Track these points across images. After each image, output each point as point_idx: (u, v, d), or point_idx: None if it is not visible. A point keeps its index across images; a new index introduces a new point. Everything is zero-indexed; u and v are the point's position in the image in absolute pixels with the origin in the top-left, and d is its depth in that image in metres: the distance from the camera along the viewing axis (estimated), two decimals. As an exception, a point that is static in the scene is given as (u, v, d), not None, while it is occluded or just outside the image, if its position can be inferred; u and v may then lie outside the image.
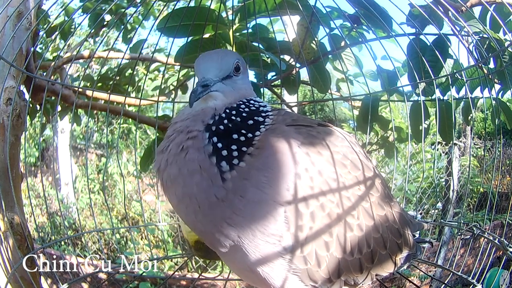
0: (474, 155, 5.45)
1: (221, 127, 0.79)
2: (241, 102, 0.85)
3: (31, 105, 2.35)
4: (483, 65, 1.34)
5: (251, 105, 0.86)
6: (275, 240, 0.73)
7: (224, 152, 0.75)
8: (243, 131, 0.78)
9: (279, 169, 0.74)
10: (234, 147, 0.76)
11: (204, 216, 0.76)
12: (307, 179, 0.75)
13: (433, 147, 4.37)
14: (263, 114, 0.84)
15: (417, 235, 1.10)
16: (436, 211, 4.80)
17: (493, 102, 1.38)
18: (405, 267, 0.96)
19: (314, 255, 0.75)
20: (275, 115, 0.86)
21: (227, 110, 0.82)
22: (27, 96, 1.48)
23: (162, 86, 2.39)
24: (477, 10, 1.54)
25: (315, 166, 0.76)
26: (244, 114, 0.82)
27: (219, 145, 0.76)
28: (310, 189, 0.75)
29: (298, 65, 1.64)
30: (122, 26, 2.48)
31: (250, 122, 0.81)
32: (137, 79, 2.94)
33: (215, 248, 0.82)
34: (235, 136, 0.77)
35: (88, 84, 2.60)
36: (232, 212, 0.73)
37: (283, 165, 0.74)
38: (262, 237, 0.73)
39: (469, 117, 1.76)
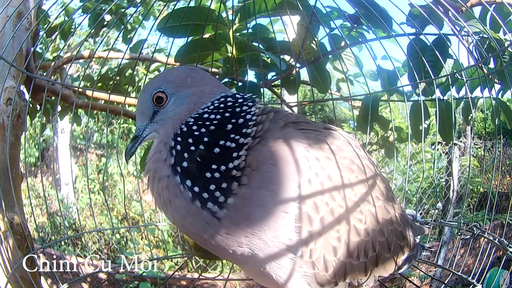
0: (474, 155, 5.45)
1: (185, 163, 0.71)
2: (190, 122, 0.75)
3: (31, 105, 2.35)
4: (483, 65, 1.34)
5: (207, 122, 0.74)
6: (286, 246, 0.73)
7: (205, 195, 0.70)
8: (214, 166, 0.70)
9: (285, 178, 0.72)
10: (212, 187, 0.70)
11: (213, 247, 0.75)
12: (317, 184, 0.74)
13: (433, 147, 4.36)
14: (233, 136, 0.72)
15: (417, 240, 1.10)
16: (436, 211, 4.80)
17: (493, 102, 1.38)
18: (405, 267, 0.96)
19: (322, 260, 0.75)
20: (260, 123, 0.76)
21: (179, 138, 0.74)
22: (27, 96, 1.48)
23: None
24: (477, 10, 1.54)
25: (325, 171, 0.75)
26: (205, 139, 0.72)
27: (196, 189, 0.70)
28: (320, 194, 0.74)
29: (298, 65, 1.64)
30: (122, 26, 2.48)
31: (217, 150, 0.71)
32: (137, 79, 2.94)
33: (229, 260, 0.84)
34: (208, 174, 0.70)
35: (88, 84, 2.60)
36: (241, 236, 0.72)
37: (290, 173, 0.72)
38: (273, 244, 0.72)
39: (469, 117, 1.76)
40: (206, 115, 0.76)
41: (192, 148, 0.72)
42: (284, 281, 0.76)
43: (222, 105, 0.77)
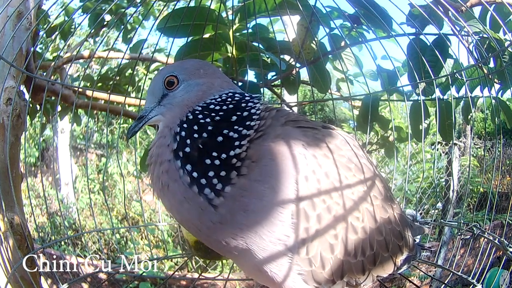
0: (474, 155, 5.46)
1: (187, 149, 0.73)
2: (197, 111, 0.78)
3: (31, 105, 2.34)
4: (483, 65, 1.34)
5: (212, 113, 0.77)
6: (282, 242, 0.73)
7: (203, 181, 0.71)
8: (215, 154, 0.72)
9: (283, 173, 0.73)
10: (211, 173, 0.71)
11: (207, 236, 0.77)
12: (314, 181, 0.75)
13: (433, 147, 4.37)
14: (237, 128, 0.74)
15: (417, 240, 1.10)
16: (436, 211, 4.80)
17: (493, 101, 1.38)
18: (404, 268, 0.96)
19: (319, 257, 0.76)
20: (263, 119, 0.79)
21: (184, 125, 0.76)
22: (27, 96, 1.49)
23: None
24: (477, 10, 1.54)
25: (322, 168, 0.76)
26: (209, 128, 0.74)
27: (195, 174, 0.72)
28: (317, 191, 0.75)
29: (298, 65, 1.64)
30: (122, 26, 2.48)
31: (220, 139, 0.73)
32: (137, 79, 2.94)
33: (224, 254, 0.84)
34: (208, 161, 0.72)
35: (88, 84, 2.60)
36: (236, 227, 0.73)
37: (287, 169, 0.73)
38: (268, 239, 0.73)
39: (469, 117, 1.76)
40: (212, 106, 0.79)
41: (196, 135, 0.74)
42: (280, 278, 0.76)
43: (229, 99, 0.80)
